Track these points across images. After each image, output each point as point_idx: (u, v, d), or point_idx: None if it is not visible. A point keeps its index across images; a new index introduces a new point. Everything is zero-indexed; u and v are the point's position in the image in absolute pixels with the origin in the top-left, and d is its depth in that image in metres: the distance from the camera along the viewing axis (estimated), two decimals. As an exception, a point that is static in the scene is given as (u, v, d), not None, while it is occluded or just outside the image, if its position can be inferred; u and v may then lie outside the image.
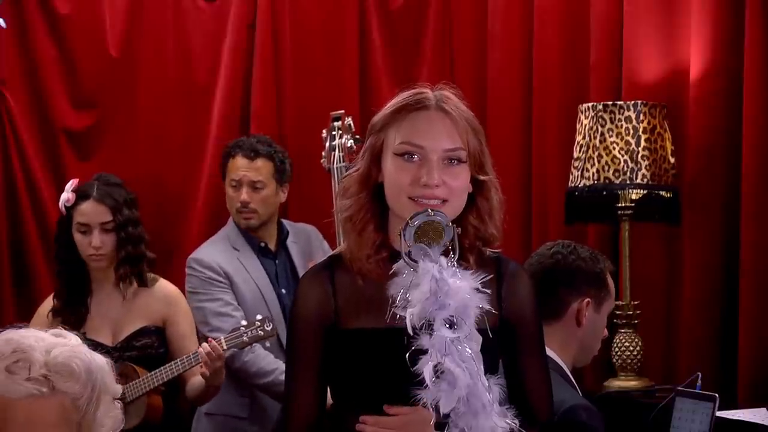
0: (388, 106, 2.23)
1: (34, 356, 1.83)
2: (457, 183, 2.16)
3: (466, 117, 2.19)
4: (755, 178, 3.79)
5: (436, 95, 2.20)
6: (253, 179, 4.01)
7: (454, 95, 2.22)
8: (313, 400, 2.23)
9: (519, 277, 2.28)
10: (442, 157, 2.15)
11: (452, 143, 2.16)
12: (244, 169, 4.02)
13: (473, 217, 2.21)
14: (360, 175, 2.22)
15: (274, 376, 3.82)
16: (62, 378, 1.83)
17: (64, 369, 1.84)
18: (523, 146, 4.46)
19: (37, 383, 1.82)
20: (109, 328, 3.69)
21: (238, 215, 4.03)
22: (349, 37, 4.81)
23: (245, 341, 3.55)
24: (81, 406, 1.85)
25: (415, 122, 2.17)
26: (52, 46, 4.80)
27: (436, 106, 2.18)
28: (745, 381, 3.76)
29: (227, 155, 4.08)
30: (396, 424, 2.13)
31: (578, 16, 4.31)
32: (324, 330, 2.21)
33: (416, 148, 2.15)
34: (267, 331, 3.56)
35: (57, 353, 1.85)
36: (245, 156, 4.03)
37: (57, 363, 1.84)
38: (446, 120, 2.17)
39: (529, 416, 2.21)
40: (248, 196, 4.00)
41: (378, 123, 2.23)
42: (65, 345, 1.87)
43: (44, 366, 1.83)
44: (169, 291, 3.77)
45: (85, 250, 3.66)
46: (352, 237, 2.21)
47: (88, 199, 3.66)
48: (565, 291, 2.86)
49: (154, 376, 3.56)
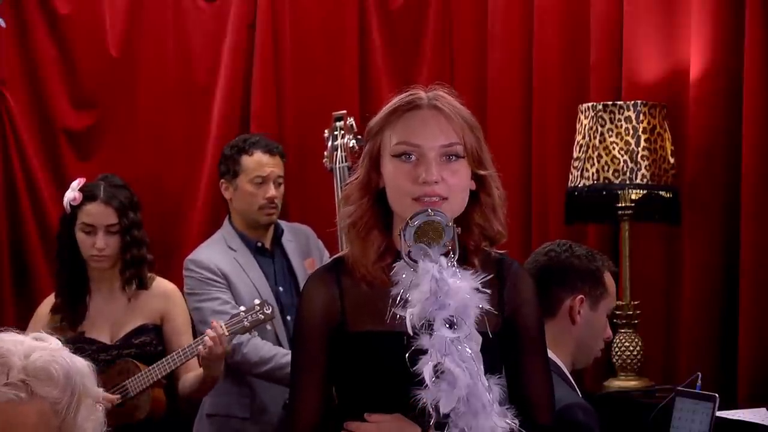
0: (382, 110, 2.24)
1: (12, 361, 1.82)
2: (456, 178, 2.16)
3: (461, 113, 2.20)
4: (755, 178, 3.78)
5: (429, 95, 2.21)
6: (279, 174, 4.04)
7: (447, 94, 2.23)
8: (318, 400, 2.23)
9: (522, 279, 2.28)
10: (439, 154, 2.15)
11: (447, 139, 2.16)
12: (270, 165, 4.02)
13: (477, 215, 2.21)
14: (360, 182, 2.23)
15: (275, 361, 3.83)
16: (41, 383, 1.82)
17: (42, 373, 1.82)
18: (523, 146, 4.46)
19: (15, 388, 1.80)
20: (108, 326, 3.69)
21: (260, 212, 4.02)
22: (349, 37, 4.81)
23: (246, 326, 3.58)
24: (60, 410, 1.83)
25: (409, 122, 2.18)
26: (52, 46, 4.80)
27: (428, 105, 2.19)
28: (745, 381, 3.75)
29: (240, 152, 4.04)
30: (374, 431, 2.14)
31: (578, 16, 4.31)
32: (330, 331, 2.21)
33: (412, 147, 2.16)
34: (267, 314, 3.59)
35: (35, 358, 1.83)
36: (266, 152, 4.03)
37: (35, 368, 1.82)
38: (440, 117, 2.18)
39: (529, 420, 2.20)
40: (276, 192, 4.02)
41: (374, 128, 2.24)
42: (44, 349, 1.86)
43: (22, 371, 1.81)
44: (166, 288, 3.79)
45: (88, 251, 3.66)
46: (356, 243, 2.22)
47: (95, 200, 3.66)
48: (558, 288, 2.86)
49: (155, 369, 3.57)
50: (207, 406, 4.01)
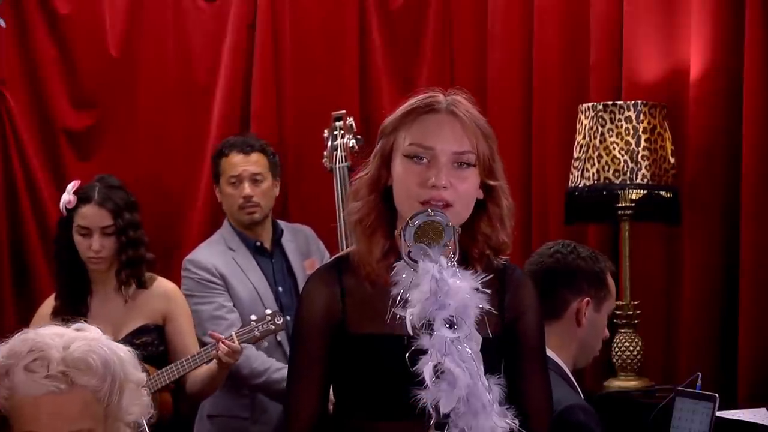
0: (399, 110, 2.23)
1: (50, 354, 1.87)
2: (465, 186, 2.16)
3: (477, 122, 2.20)
4: (755, 178, 3.78)
5: (447, 99, 2.21)
6: (253, 172, 4.02)
7: (466, 100, 2.22)
8: (316, 400, 2.23)
9: (524, 287, 2.28)
10: (450, 160, 2.15)
11: (461, 146, 2.16)
12: (243, 164, 4.03)
13: (484, 224, 2.21)
14: (370, 178, 2.23)
15: (266, 376, 3.84)
16: (80, 373, 1.88)
17: (81, 364, 1.88)
18: (523, 146, 4.46)
19: (55, 380, 1.86)
20: (109, 327, 3.66)
21: (241, 212, 4.03)
22: (349, 37, 4.81)
23: (257, 335, 3.59)
24: (102, 397, 1.89)
25: (425, 124, 2.18)
26: (52, 46, 4.81)
27: (446, 110, 2.19)
28: (745, 381, 3.75)
29: (219, 156, 4.08)
30: None
31: (578, 16, 4.31)
32: (330, 330, 2.21)
33: (425, 150, 2.16)
34: (278, 324, 3.61)
35: (74, 349, 1.89)
36: (240, 151, 4.04)
37: (74, 359, 1.88)
38: (456, 123, 2.17)
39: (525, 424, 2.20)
40: (251, 190, 4.01)
41: (388, 126, 2.23)
42: (83, 339, 1.91)
43: (62, 362, 1.87)
44: (167, 288, 3.78)
45: (85, 253, 3.67)
46: (362, 240, 2.22)
47: (90, 203, 3.66)
48: (565, 290, 2.86)
49: (166, 373, 3.58)
50: (207, 407, 4.00)
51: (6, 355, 1.89)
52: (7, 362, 1.88)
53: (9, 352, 1.89)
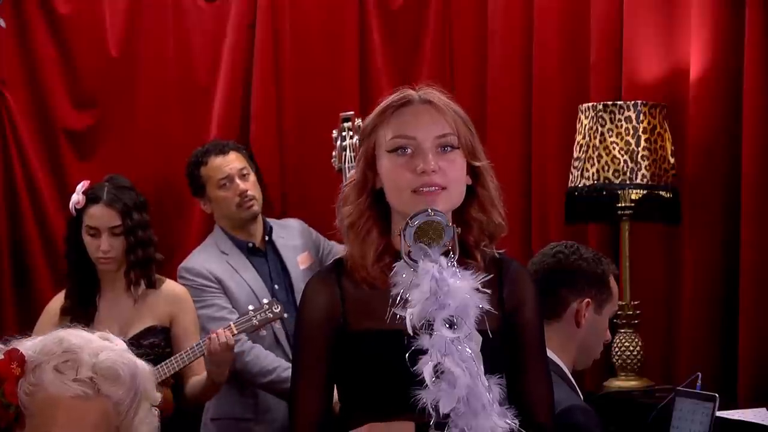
0: (374, 111, 2.26)
1: (81, 357, 1.86)
2: (453, 168, 2.18)
3: (452, 106, 2.23)
4: (755, 178, 3.78)
5: (419, 92, 2.24)
6: (239, 168, 4.06)
7: (437, 90, 2.25)
8: (320, 400, 2.24)
9: (521, 278, 2.29)
10: (434, 145, 2.18)
11: (442, 129, 2.19)
12: (226, 164, 4.07)
13: (475, 210, 2.23)
14: (357, 182, 2.25)
15: (276, 374, 3.85)
16: (108, 382, 1.86)
17: (110, 373, 1.87)
18: (523, 146, 4.46)
19: (83, 385, 1.85)
20: (117, 327, 3.68)
21: (240, 209, 4.04)
22: (349, 37, 4.81)
23: (255, 324, 3.61)
24: (122, 411, 1.87)
25: (403, 117, 2.21)
26: (52, 46, 4.80)
27: (420, 100, 2.23)
28: (745, 381, 3.75)
29: (196, 167, 4.11)
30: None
31: (578, 16, 4.31)
32: (332, 330, 2.22)
33: (408, 140, 2.18)
34: (276, 312, 3.63)
35: (104, 357, 1.87)
36: (218, 154, 4.09)
37: (104, 367, 1.87)
38: (432, 110, 2.21)
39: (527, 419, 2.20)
40: (244, 185, 4.03)
41: (367, 127, 2.26)
42: (112, 349, 1.91)
43: (91, 368, 1.86)
44: (176, 290, 3.80)
45: (94, 253, 3.67)
46: (356, 244, 2.23)
47: (98, 203, 3.66)
48: (565, 291, 2.87)
49: (163, 368, 3.57)
50: (211, 411, 4.02)
51: (39, 351, 1.87)
52: (38, 358, 1.86)
53: (42, 348, 1.87)
